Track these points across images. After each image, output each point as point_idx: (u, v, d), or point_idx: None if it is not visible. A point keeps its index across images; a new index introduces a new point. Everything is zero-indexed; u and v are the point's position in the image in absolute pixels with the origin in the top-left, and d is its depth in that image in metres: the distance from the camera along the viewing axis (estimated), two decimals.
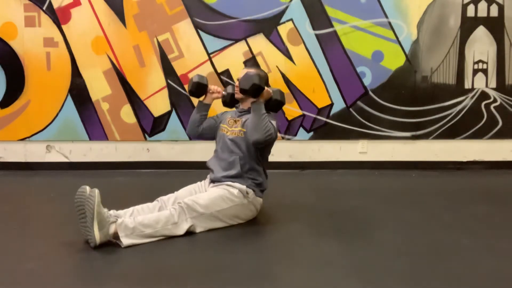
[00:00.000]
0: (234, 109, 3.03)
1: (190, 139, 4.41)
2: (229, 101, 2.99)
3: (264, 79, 2.78)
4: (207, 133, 3.00)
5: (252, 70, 2.76)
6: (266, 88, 2.70)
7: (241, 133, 2.78)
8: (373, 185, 3.92)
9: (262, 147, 2.75)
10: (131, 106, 4.41)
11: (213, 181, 2.81)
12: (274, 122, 2.73)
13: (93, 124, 4.42)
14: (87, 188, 2.36)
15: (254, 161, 2.76)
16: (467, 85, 4.38)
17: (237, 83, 2.83)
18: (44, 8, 4.31)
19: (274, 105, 2.78)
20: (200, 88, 2.92)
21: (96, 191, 2.34)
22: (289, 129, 4.44)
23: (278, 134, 4.36)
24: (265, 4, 4.31)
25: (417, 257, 2.27)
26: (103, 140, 4.45)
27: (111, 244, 2.36)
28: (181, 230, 2.49)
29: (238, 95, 2.86)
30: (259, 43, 4.34)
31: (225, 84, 4.34)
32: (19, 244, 2.45)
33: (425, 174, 4.28)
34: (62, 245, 2.41)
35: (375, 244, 2.45)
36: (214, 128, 2.97)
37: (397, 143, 4.45)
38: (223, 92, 2.99)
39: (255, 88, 2.61)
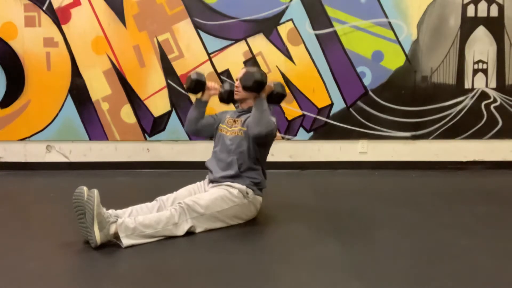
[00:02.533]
0: (234, 108, 3.04)
1: (189, 137, 4.41)
2: (226, 98, 3.02)
3: (265, 75, 2.80)
4: (205, 131, 3.01)
5: (251, 67, 2.82)
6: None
7: (240, 132, 2.78)
8: (373, 185, 3.92)
9: (262, 143, 2.76)
10: (131, 106, 4.41)
11: (211, 181, 2.82)
12: (274, 119, 2.74)
13: (93, 124, 4.42)
14: (85, 188, 2.36)
15: (252, 161, 2.76)
16: (467, 85, 4.38)
17: (237, 83, 2.84)
18: (44, 8, 4.31)
19: (276, 98, 2.88)
20: (198, 85, 2.94)
21: (95, 191, 2.34)
22: (289, 129, 4.44)
23: (278, 134, 4.40)
24: (265, 4, 4.31)
25: (417, 257, 2.27)
26: (103, 140, 4.45)
27: (111, 244, 2.36)
28: (182, 230, 2.49)
29: (237, 96, 2.86)
30: (259, 43, 4.34)
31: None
32: (19, 244, 2.45)
33: (425, 174, 4.28)
34: (62, 245, 2.41)
35: (375, 244, 2.45)
36: (212, 126, 2.98)
37: (397, 143, 4.45)
38: (220, 89, 3.01)
39: (258, 84, 2.67)
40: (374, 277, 2.04)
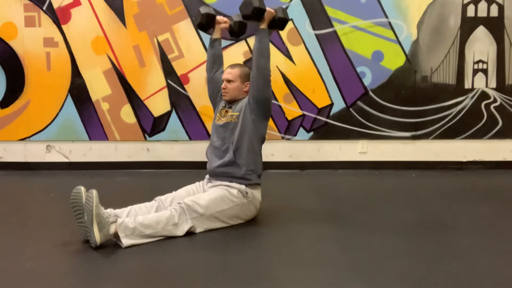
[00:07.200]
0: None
1: (189, 137, 4.40)
2: (237, 30, 2.97)
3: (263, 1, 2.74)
4: (214, 83, 2.98)
5: None
6: (267, 8, 2.70)
7: (233, 118, 2.78)
8: (373, 185, 3.92)
9: (260, 97, 2.70)
10: (131, 106, 4.41)
11: (209, 174, 2.83)
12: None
13: (93, 124, 4.42)
14: (82, 188, 2.36)
15: (247, 145, 2.74)
16: (467, 85, 4.38)
17: (223, 84, 2.84)
18: (44, 8, 4.31)
19: (279, 22, 2.80)
20: (210, 19, 2.91)
21: (94, 192, 2.34)
22: (289, 129, 4.43)
23: (278, 134, 4.40)
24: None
25: (417, 257, 2.27)
26: (103, 140, 4.45)
27: (111, 244, 2.36)
28: (181, 231, 2.49)
29: (226, 97, 2.84)
30: None
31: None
32: (18, 244, 2.45)
33: (425, 174, 4.28)
34: (62, 245, 2.41)
35: (375, 244, 2.45)
36: (218, 84, 2.94)
37: (397, 143, 4.45)
38: (230, 22, 2.98)
39: (257, 11, 2.62)
40: (374, 277, 2.04)
